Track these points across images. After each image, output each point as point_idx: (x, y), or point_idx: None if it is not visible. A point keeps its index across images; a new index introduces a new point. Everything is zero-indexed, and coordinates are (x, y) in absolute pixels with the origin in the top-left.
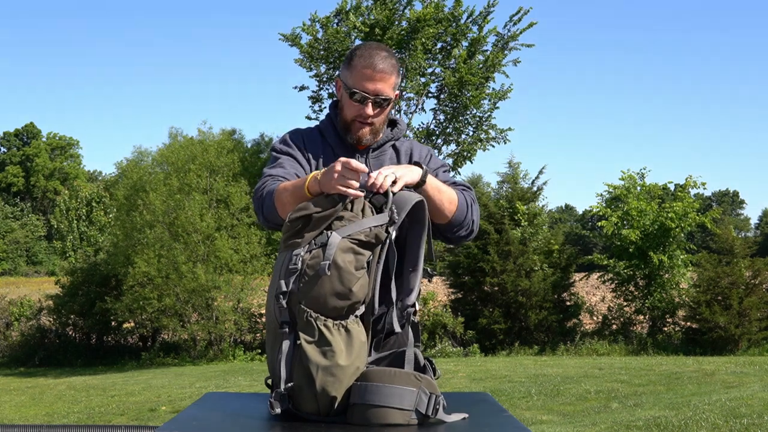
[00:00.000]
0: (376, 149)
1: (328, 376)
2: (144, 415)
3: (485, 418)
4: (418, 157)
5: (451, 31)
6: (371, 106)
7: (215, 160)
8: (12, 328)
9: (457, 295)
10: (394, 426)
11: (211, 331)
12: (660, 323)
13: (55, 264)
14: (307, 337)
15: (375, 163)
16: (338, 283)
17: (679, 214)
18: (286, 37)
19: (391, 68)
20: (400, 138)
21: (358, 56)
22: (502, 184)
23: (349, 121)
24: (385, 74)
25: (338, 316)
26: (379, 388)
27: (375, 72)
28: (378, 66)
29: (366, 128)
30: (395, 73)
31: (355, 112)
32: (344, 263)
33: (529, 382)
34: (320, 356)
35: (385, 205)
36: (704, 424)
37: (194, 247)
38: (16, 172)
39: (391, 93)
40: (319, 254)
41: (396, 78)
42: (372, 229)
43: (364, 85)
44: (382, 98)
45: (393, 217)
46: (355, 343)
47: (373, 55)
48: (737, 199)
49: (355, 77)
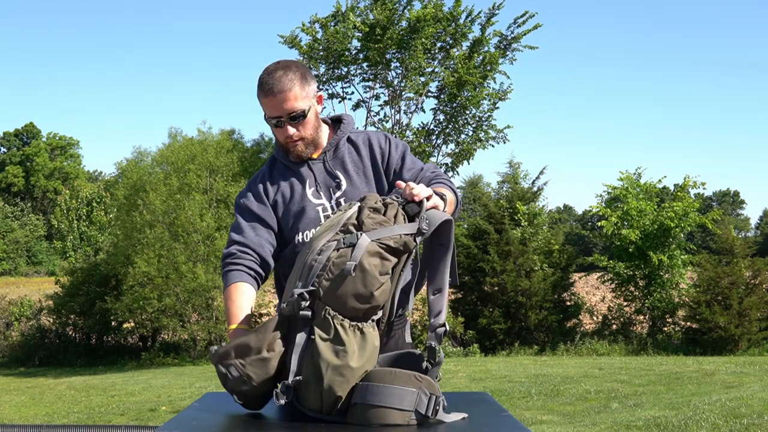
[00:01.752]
0: (331, 150)
1: (336, 376)
2: (144, 415)
3: (485, 418)
4: (376, 144)
5: (450, 31)
6: (289, 127)
7: (215, 159)
8: (12, 328)
9: (457, 295)
10: (394, 426)
11: (211, 331)
12: (660, 323)
13: (55, 264)
14: (322, 333)
15: (335, 164)
16: (361, 285)
17: (679, 214)
18: (285, 39)
19: (289, 83)
20: (350, 132)
21: (259, 86)
22: (503, 184)
23: (283, 143)
24: (285, 92)
25: (355, 317)
26: (379, 388)
27: (275, 95)
28: (275, 88)
29: (299, 145)
30: (297, 84)
31: (281, 135)
32: (370, 266)
33: (529, 382)
34: (332, 355)
35: (417, 215)
36: (704, 424)
37: (194, 247)
38: (16, 172)
39: (302, 104)
40: (346, 254)
41: (301, 88)
42: (402, 236)
43: (272, 111)
44: (293, 114)
45: (422, 228)
46: (368, 347)
47: (268, 80)
48: (737, 199)
49: (264, 106)
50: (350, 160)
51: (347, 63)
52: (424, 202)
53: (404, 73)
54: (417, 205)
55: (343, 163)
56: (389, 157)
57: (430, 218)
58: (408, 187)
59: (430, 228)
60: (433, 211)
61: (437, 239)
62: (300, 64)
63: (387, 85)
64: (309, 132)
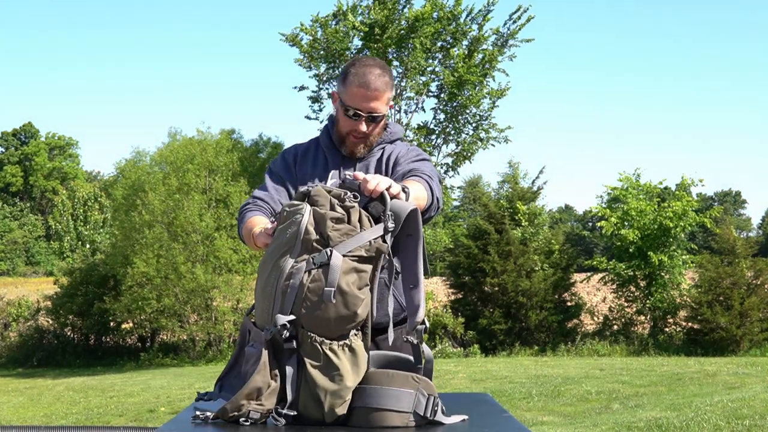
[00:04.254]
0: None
1: (336, 399)
2: (143, 416)
3: (485, 419)
4: (399, 153)
5: (450, 30)
6: (365, 123)
7: (214, 159)
8: (10, 328)
9: (458, 296)
10: (393, 429)
11: (210, 331)
12: (661, 324)
13: (53, 264)
14: (313, 362)
15: (361, 167)
16: (343, 308)
17: (678, 213)
18: (286, 37)
19: (384, 86)
20: (386, 143)
21: (353, 74)
22: (503, 184)
23: (344, 134)
24: (379, 92)
25: (342, 336)
26: (376, 391)
27: (369, 91)
28: (372, 85)
29: (360, 143)
30: (389, 89)
31: (350, 127)
32: (348, 286)
33: (530, 382)
34: (328, 381)
35: (383, 213)
36: (706, 425)
37: (193, 247)
38: (15, 172)
39: (384, 109)
40: (320, 277)
41: (390, 93)
42: (372, 243)
43: (359, 103)
44: (375, 115)
45: (387, 226)
46: (360, 362)
47: (367, 73)
48: (739, 198)
49: (349, 94)
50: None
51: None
52: (387, 199)
53: (404, 73)
54: (381, 203)
55: (366, 168)
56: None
57: (394, 211)
58: (365, 181)
59: (397, 224)
60: (396, 203)
61: (405, 230)
62: (390, 70)
63: None
64: (375, 134)
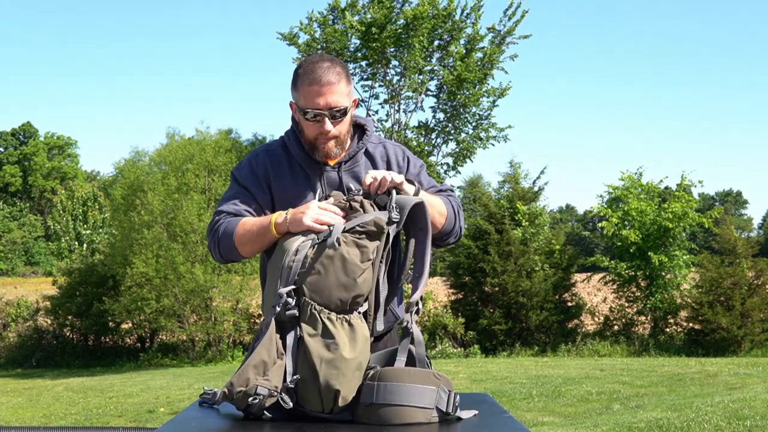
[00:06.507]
0: (347, 161)
1: (331, 369)
2: (142, 416)
3: (486, 420)
4: (394, 161)
5: (447, 29)
6: (328, 122)
7: (213, 159)
8: (9, 329)
9: (458, 296)
10: (415, 425)
11: (210, 331)
12: (662, 324)
13: (52, 265)
14: (310, 329)
15: (349, 176)
16: (343, 274)
17: (678, 214)
18: (284, 36)
19: (337, 77)
20: (368, 144)
21: (301, 74)
22: (503, 184)
23: (312, 140)
24: (333, 84)
25: (342, 310)
26: (398, 387)
27: (321, 86)
28: (323, 79)
29: (331, 142)
30: (343, 79)
31: (315, 130)
32: (349, 255)
33: (530, 383)
34: (324, 349)
35: (388, 203)
36: (707, 426)
37: (192, 247)
38: (14, 172)
39: (345, 101)
40: (323, 247)
41: (346, 84)
42: (373, 219)
43: (316, 102)
44: (336, 110)
45: (392, 216)
46: (358, 338)
47: (315, 69)
48: (740, 198)
49: (304, 96)
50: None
51: (346, 62)
52: (392, 191)
53: (403, 72)
54: (386, 195)
55: (356, 176)
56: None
57: (399, 204)
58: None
59: (402, 214)
60: (401, 197)
61: (416, 224)
62: (342, 61)
63: (386, 83)
64: (344, 131)
